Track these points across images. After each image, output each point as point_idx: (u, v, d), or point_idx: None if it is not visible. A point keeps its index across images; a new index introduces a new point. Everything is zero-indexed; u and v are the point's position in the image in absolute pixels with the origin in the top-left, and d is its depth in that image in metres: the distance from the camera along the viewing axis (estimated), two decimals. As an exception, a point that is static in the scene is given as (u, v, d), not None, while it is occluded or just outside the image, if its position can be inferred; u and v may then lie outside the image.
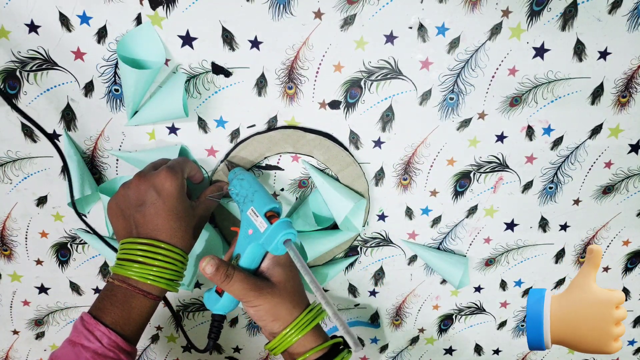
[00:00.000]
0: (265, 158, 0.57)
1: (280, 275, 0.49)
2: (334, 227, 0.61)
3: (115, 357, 0.46)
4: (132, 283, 0.48)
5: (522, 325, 0.73)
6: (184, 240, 0.49)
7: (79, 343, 0.45)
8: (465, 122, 0.57)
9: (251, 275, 0.48)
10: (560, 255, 0.67)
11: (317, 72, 0.54)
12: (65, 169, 0.53)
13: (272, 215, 0.49)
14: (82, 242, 0.61)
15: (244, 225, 0.50)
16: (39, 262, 0.63)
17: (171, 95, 0.51)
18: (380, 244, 0.64)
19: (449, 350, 0.74)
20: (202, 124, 0.56)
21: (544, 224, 0.65)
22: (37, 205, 0.59)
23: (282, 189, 0.60)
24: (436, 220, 0.63)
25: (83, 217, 0.57)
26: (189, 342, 0.61)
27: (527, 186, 0.62)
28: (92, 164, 0.57)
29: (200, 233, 0.53)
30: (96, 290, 0.65)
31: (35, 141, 0.56)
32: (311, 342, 0.48)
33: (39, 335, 0.68)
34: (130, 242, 0.48)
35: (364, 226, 0.61)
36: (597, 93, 0.57)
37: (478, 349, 0.74)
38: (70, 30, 0.50)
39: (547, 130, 0.58)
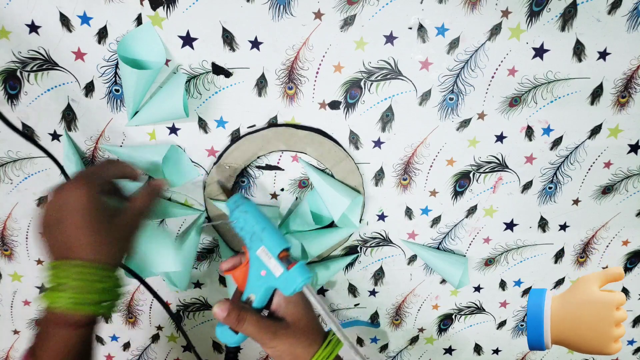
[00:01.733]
0: (258, 157, 0.57)
1: (294, 314, 0.49)
2: (331, 225, 0.62)
3: None
4: (55, 313, 0.42)
5: (522, 325, 0.73)
6: (106, 252, 0.43)
7: None
8: (465, 123, 0.57)
9: (264, 318, 0.48)
10: (559, 255, 0.67)
11: (317, 73, 0.54)
12: (62, 172, 0.53)
13: (285, 256, 0.48)
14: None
15: (254, 265, 0.48)
16: (39, 262, 0.63)
17: (172, 96, 0.51)
18: (380, 243, 0.64)
19: (449, 350, 0.74)
20: (202, 124, 0.56)
21: (543, 224, 0.65)
22: (38, 205, 0.59)
23: (282, 189, 0.60)
24: (436, 220, 0.63)
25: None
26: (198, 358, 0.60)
27: (527, 186, 0.62)
28: (92, 164, 0.57)
29: (133, 240, 0.46)
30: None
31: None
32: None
33: (40, 335, 0.68)
34: (54, 265, 0.43)
35: (360, 222, 0.61)
36: (597, 93, 0.57)
37: (478, 349, 0.74)
38: (70, 31, 0.50)
39: (547, 131, 0.59)
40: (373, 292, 0.68)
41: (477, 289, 0.69)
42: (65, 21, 0.50)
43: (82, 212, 0.42)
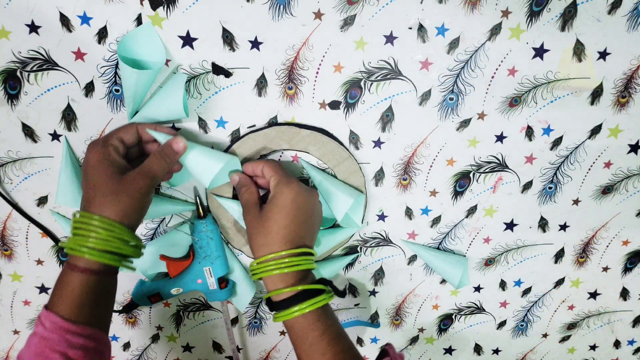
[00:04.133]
0: (261, 156, 0.57)
1: (277, 217, 0.51)
2: (333, 226, 0.62)
3: (59, 337, 0.44)
4: (68, 260, 0.47)
5: (522, 325, 0.73)
6: (101, 205, 0.46)
7: (33, 332, 0.45)
8: (465, 123, 0.57)
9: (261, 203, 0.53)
10: (559, 255, 0.67)
11: (317, 73, 0.54)
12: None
13: (221, 280, 0.60)
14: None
15: (193, 272, 0.59)
16: (39, 262, 0.63)
17: (171, 96, 0.51)
18: (380, 243, 0.64)
19: (449, 350, 0.74)
20: (202, 124, 0.56)
21: (543, 224, 0.65)
22: (38, 205, 0.59)
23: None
24: (436, 220, 0.63)
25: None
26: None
27: (527, 186, 0.62)
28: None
29: (139, 200, 0.48)
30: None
31: (35, 141, 0.56)
32: (288, 282, 0.49)
33: (40, 335, 0.68)
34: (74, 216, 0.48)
35: (362, 222, 0.61)
36: (597, 93, 0.57)
37: (478, 349, 0.74)
38: (70, 31, 0.50)
39: (547, 131, 0.59)
40: (373, 292, 0.68)
41: (477, 289, 0.69)
42: (65, 21, 0.50)
43: (91, 170, 0.47)
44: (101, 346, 0.47)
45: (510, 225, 0.64)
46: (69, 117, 0.55)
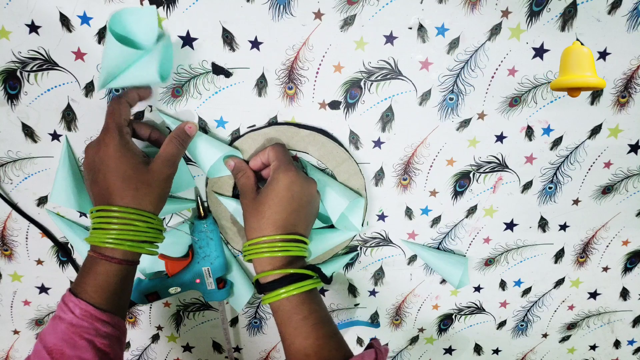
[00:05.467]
0: None
1: (271, 203, 0.52)
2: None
3: (89, 325, 0.45)
4: (97, 250, 0.47)
5: (522, 325, 0.73)
6: (136, 199, 0.47)
7: (58, 316, 0.46)
8: (465, 123, 0.57)
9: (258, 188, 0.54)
10: (559, 255, 0.67)
11: (317, 73, 0.54)
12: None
13: (219, 280, 0.60)
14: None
15: (192, 272, 0.59)
16: (39, 262, 0.63)
17: (150, 58, 0.48)
18: (380, 243, 0.64)
19: (449, 350, 0.74)
20: (202, 124, 0.56)
21: (543, 224, 0.65)
22: (38, 205, 0.59)
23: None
24: (436, 220, 0.63)
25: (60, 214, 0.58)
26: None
27: (527, 186, 0.62)
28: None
29: (166, 188, 0.50)
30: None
31: (35, 141, 0.56)
32: (275, 265, 0.50)
33: (40, 335, 0.68)
34: (91, 212, 0.48)
35: (363, 225, 0.61)
36: (597, 93, 0.57)
37: (478, 349, 0.74)
38: (70, 31, 0.50)
39: (547, 131, 0.59)
40: (373, 292, 0.68)
41: (477, 289, 0.69)
42: (65, 21, 0.50)
43: (110, 160, 0.47)
44: (122, 335, 0.48)
45: (510, 225, 0.64)
46: (69, 117, 0.55)
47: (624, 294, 0.71)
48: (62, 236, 0.61)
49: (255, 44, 0.52)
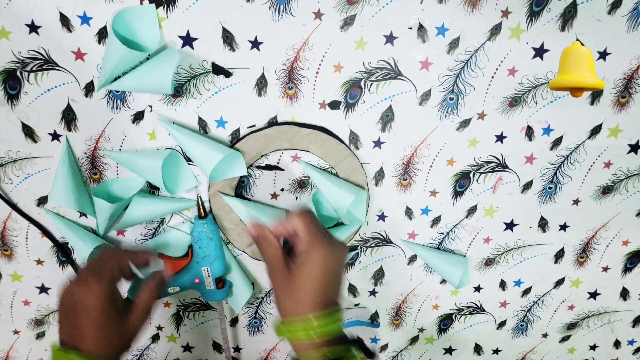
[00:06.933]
0: (262, 156, 0.57)
1: (303, 269, 0.49)
2: (336, 225, 0.62)
3: None
4: None
5: (522, 325, 0.73)
6: (110, 347, 0.47)
7: None
8: (465, 123, 0.57)
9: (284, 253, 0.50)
10: (559, 255, 0.67)
11: (317, 73, 0.54)
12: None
13: (218, 280, 0.61)
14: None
15: (192, 272, 0.59)
16: (39, 262, 0.63)
17: (161, 70, 0.49)
18: (380, 243, 0.64)
19: (449, 350, 0.74)
20: (202, 124, 0.56)
21: (543, 224, 0.65)
22: (38, 205, 0.59)
23: (282, 189, 0.60)
24: (436, 220, 0.63)
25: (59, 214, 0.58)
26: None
27: (527, 186, 0.62)
28: (92, 165, 0.57)
29: (136, 337, 0.50)
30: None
31: (35, 141, 0.56)
32: (316, 343, 0.47)
33: (40, 335, 0.68)
34: (57, 349, 0.47)
35: (366, 216, 0.61)
36: (597, 93, 0.57)
37: (478, 349, 0.74)
38: (70, 31, 0.50)
39: (547, 131, 0.59)
40: (373, 292, 0.68)
41: (477, 289, 0.69)
42: (65, 21, 0.50)
43: (93, 311, 0.46)
44: None
45: (510, 225, 0.64)
46: (69, 117, 0.55)
47: (624, 294, 0.71)
48: (61, 236, 0.61)
49: (255, 44, 0.52)
